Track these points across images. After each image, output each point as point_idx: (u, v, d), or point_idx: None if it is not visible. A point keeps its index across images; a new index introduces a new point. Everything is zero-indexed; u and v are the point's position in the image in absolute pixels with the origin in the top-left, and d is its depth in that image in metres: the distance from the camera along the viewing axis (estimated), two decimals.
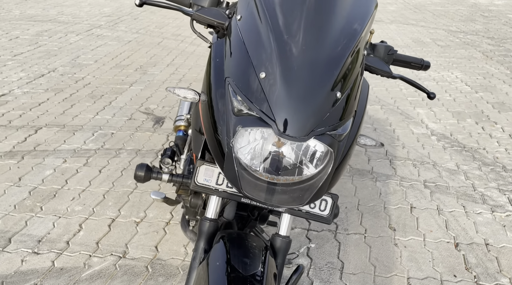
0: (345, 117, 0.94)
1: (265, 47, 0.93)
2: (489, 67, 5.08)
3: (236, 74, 0.96)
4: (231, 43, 1.04)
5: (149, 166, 1.39)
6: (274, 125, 0.88)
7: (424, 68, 1.30)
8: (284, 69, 0.90)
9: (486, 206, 2.46)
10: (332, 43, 0.94)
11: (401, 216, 2.36)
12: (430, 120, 3.59)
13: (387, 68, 1.19)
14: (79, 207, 2.40)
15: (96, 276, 1.92)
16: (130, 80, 4.51)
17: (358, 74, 1.01)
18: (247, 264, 1.03)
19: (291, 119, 0.87)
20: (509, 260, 2.05)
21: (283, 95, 0.88)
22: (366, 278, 1.93)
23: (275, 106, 0.88)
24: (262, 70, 0.91)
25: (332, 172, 0.94)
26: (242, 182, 0.94)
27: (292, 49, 0.92)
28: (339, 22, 0.97)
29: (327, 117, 0.90)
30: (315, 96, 0.89)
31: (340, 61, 0.93)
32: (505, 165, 2.90)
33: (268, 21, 0.96)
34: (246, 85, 0.93)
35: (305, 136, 0.88)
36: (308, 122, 0.88)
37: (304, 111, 0.88)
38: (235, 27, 1.05)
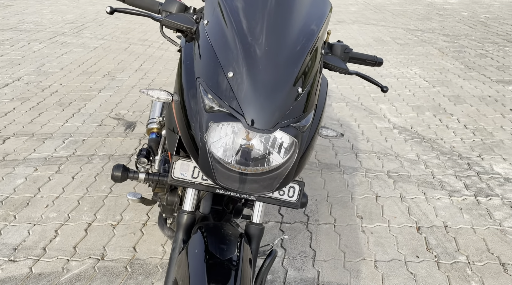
0: (307, 110, 1.04)
1: (231, 49, 1.03)
2: (445, 63, 5.35)
3: (206, 75, 1.04)
4: (199, 46, 1.13)
5: (125, 166, 1.46)
6: (243, 120, 0.97)
7: (378, 65, 1.43)
8: (250, 68, 0.99)
9: (444, 191, 2.63)
10: (292, 43, 1.04)
11: (367, 205, 2.50)
12: (392, 114, 3.78)
13: (344, 65, 1.30)
14: (53, 214, 2.41)
15: (76, 279, 1.96)
16: (98, 86, 4.50)
17: (317, 71, 1.12)
18: (224, 250, 1.11)
19: (258, 114, 0.97)
20: (465, 239, 2.21)
21: (250, 92, 0.97)
22: (337, 264, 2.05)
23: (243, 102, 0.97)
24: (229, 70, 1.00)
25: (297, 160, 1.04)
26: (216, 173, 1.02)
27: (256, 49, 1.01)
28: (297, 24, 1.07)
29: (290, 110, 1.00)
30: (278, 92, 0.99)
31: (300, 59, 1.03)
32: (461, 153, 3.10)
33: (233, 24, 1.05)
34: (216, 84, 1.02)
35: (271, 129, 0.97)
36: (274, 115, 0.97)
37: (270, 105, 0.97)
38: (203, 31, 1.14)
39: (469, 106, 3.95)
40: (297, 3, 1.11)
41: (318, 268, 2.02)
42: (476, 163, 2.96)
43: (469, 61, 5.40)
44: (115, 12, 1.21)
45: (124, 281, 1.95)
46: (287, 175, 1.04)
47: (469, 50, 5.90)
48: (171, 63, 5.33)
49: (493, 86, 4.48)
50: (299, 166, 1.06)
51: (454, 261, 2.07)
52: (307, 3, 1.15)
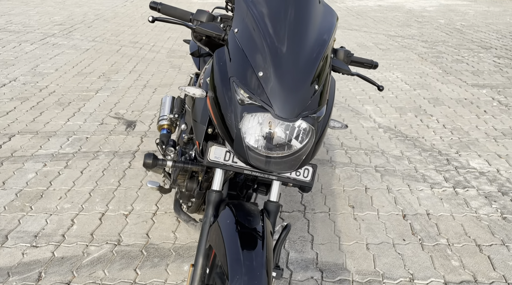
0: (321, 104, 1.27)
1: (261, 53, 1.24)
2: (424, 67, 5.69)
3: (239, 74, 1.26)
4: (230, 50, 1.34)
5: (155, 155, 1.65)
6: (271, 110, 1.18)
7: (374, 67, 1.67)
8: (276, 69, 1.21)
9: (426, 184, 2.90)
10: (309, 48, 1.26)
11: (358, 196, 2.74)
12: (377, 115, 4.05)
13: (347, 68, 1.54)
14: (68, 205, 2.58)
15: (96, 261, 2.13)
16: (95, 87, 4.64)
17: (328, 72, 1.34)
18: (251, 221, 1.32)
19: (284, 106, 1.19)
20: (446, 225, 2.48)
21: (277, 88, 1.19)
22: (333, 246, 2.28)
23: (272, 96, 1.19)
24: (260, 70, 1.22)
25: (313, 145, 1.26)
26: (248, 156, 1.24)
27: (281, 54, 1.23)
28: (313, 33, 1.30)
29: (309, 104, 1.22)
30: (300, 88, 1.21)
31: (316, 62, 1.25)
32: (441, 150, 3.39)
33: (261, 33, 1.27)
34: (248, 82, 1.23)
35: (295, 118, 1.19)
36: (296, 107, 1.20)
37: (293, 99, 1.19)
38: (233, 38, 1.35)
39: (447, 108, 4.26)
40: (311, 15, 1.34)
41: (316, 250, 2.25)
42: (454, 158, 3.25)
43: (446, 66, 5.75)
44: (156, 21, 1.40)
45: (141, 263, 2.13)
46: (305, 158, 1.26)
47: (446, 56, 6.26)
48: (164, 65, 5.51)
49: (468, 89, 4.82)
50: (314, 150, 1.28)
51: (436, 243, 2.32)
52: (319, 14, 1.38)
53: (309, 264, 2.15)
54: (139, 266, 2.11)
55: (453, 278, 2.07)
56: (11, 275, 2.04)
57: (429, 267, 2.14)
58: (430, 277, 2.08)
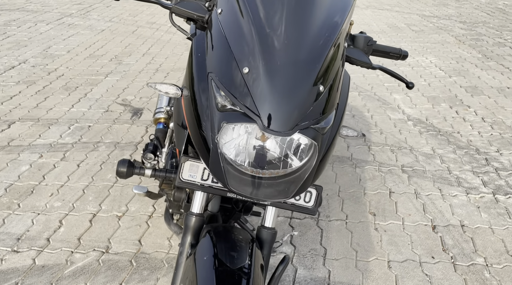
0: (328, 110, 0.95)
1: (247, 42, 0.93)
2: (461, 51, 5.19)
3: (219, 69, 0.95)
4: (212, 37, 1.03)
5: (131, 162, 1.38)
6: (258, 121, 0.88)
7: (402, 58, 1.32)
8: (267, 64, 0.90)
9: (461, 188, 2.53)
10: (314, 36, 0.94)
11: (380, 201, 2.41)
12: (406, 105, 3.66)
13: (367, 59, 1.20)
14: (58, 203, 2.36)
15: (79, 272, 1.91)
16: (105, 70, 4.41)
17: (340, 67, 1.02)
18: (234, 257, 1.04)
19: (276, 114, 0.88)
20: (483, 240, 2.13)
21: (267, 90, 0.88)
22: (349, 263, 1.98)
23: (259, 101, 0.88)
24: (245, 65, 0.91)
25: (316, 164, 0.95)
26: (228, 177, 0.94)
27: (274, 43, 0.92)
28: (320, 15, 0.97)
29: (310, 111, 0.90)
30: (298, 90, 0.89)
31: (322, 54, 0.93)
32: (478, 147, 2.99)
33: (250, 15, 0.96)
34: (229, 80, 0.93)
35: (290, 131, 0.88)
36: (292, 116, 0.88)
37: (288, 105, 0.88)
38: (216, 21, 1.04)
39: (487, 98, 3.82)
40: None
41: (329, 267, 1.95)
42: (495, 158, 2.85)
43: (487, 50, 5.23)
44: None
45: (129, 276, 1.89)
46: (306, 180, 0.96)
47: (487, 39, 5.71)
48: (179, 48, 5.22)
49: (511, 77, 4.33)
50: (318, 170, 0.98)
51: (471, 263, 1.98)
52: None
53: (319, 284, 1.85)
54: (126, 280, 1.87)
55: None
56: None
57: None
58: None
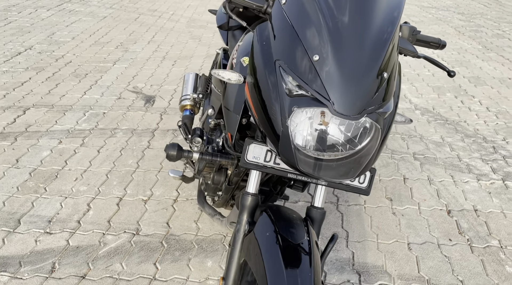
0: (389, 96, 1.02)
1: (317, 31, 0.99)
2: (462, 42, 5.28)
3: (287, 57, 1.01)
4: (276, 27, 1.09)
5: (180, 146, 1.44)
6: (330, 105, 0.94)
7: (441, 47, 1.40)
8: (337, 52, 0.96)
9: (472, 175, 2.64)
10: (378, 27, 1.00)
11: (396, 187, 2.51)
12: (413, 95, 3.75)
13: (413, 48, 1.27)
14: (84, 187, 2.41)
15: (113, 253, 1.97)
16: (112, 58, 4.42)
17: (397, 56, 1.09)
18: (294, 233, 1.11)
19: (345, 99, 0.94)
20: (496, 224, 2.23)
21: (337, 76, 0.95)
22: (370, 245, 2.07)
23: (330, 87, 0.95)
24: (315, 53, 0.97)
25: (378, 146, 1.02)
26: (297, 159, 1.01)
27: (343, 33, 0.98)
28: (382, 7, 1.03)
29: (376, 96, 0.97)
30: (366, 77, 0.96)
31: (386, 43, 1.00)
32: (485, 136, 3.10)
33: (317, 5, 1.01)
34: (299, 67, 0.99)
35: (358, 115, 0.95)
36: (360, 101, 0.95)
37: (356, 91, 0.95)
38: (280, 11, 1.10)
39: (489, 88, 3.93)
40: None
41: (352, 249, 2.04)
42: (502, 146, 2.96)
43: (486, 41, 5.33)
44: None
45: (161, 256, 1.96)
46: (368, 162, 1.03)
47: (485, 30, 5.82)
48: (183, 36, 5.23)
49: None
50: (378, 152, 1.05)
51: (487, 245, 2.09)
52: None
53: (344, 265, 1.95)
54: (159, 260, 1.94)
55: None
56: (23, 265, 1.89)
57: (480, 273, 1.92)
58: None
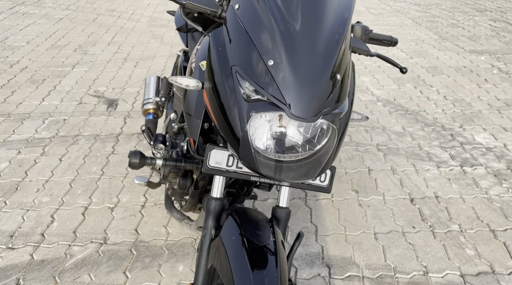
0: (343, 97, 1.04)
1: (270, 36, 1.00)
2: (419, 33, 5.44)
3: (243, 62, 1.02)
4: (230, 32, 1.09)
5: (142, 153, 1.42)
6: (286, 109, 0.96)
7: (393, 44, 1.44)
8: (291, 55, 0.97)
9: (432, 162, 2.73)
10: (329, 29, 1.02)
11: (361, 179, 2.57)
12: (375, 87, 3.84)
13: (366, 47, 1.30)
14: (46, 198, 2.34)
15: (81, 264, 1.93)
16: (71, 61, 4.30)
17: (350, 56, 1.11)
18: (259, 235, 1.12)
19: (301, 102, 0.96)
20: (456, 209, 2.33)
21: (292, 80, 0.96)
22: (339, 238, 2.12)
23: (286, 91, 0.96)
24: (269, 58, 0.98)
25: (335, 146, 1.05)
26: (258, 163, 1.02)
27: (295, 37, 0.99)
28: (332, 9, 1.05)
29: (330, 98, 0.99)
30: (319, 79, 0.98)
31: (338, 45, 1.02)
32: (444, 124, 3.21)
33: (269, 10, 1.02)
34: (255, 72, 0.99)
35: (314, 117, 0.97)
36: (316, 104, 0.97)
37: (312, 94, 0.97)
38: (233, 16, 1.10)
39: (446, 77, 4.07)
40: None
41: (321, 243, 2.08)
42: (459, 133, 3.08)
43: (442, 31, 5.51)
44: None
45: (131, 264, 1.93)
46: (326, 162, 1.05)
47: (441, 20, 6.01)
48: (144, 36, 5.15)
49: (467, 56, 4.61)
50: (335, 151, 1.07)
51: (448, 230, 2.18)
52: None
53: (314, 259, 1.98)
54: (129, 268, 1.91)
55: (469, 269, 1.93)
56: None
57: (443, 257, 2.00)
58: (445, 269, 1.93)
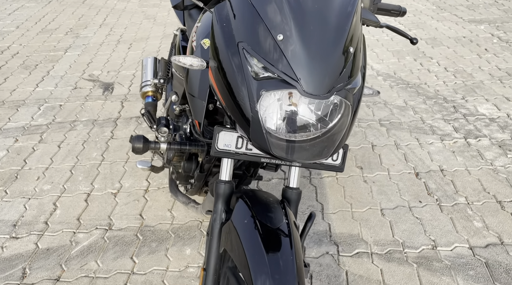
0: (356, 71, 1.00)
1: (279, 10, 0.94)
2: (416, 4, 5.33)
3: (250, 38, 0.96)
4: (234, 6, 1.03)
5: (145, 137, 1.38)
6: (298, 86, 0.91)
7: (402, 15, 1.38)
8: (301, 29, 0.92)
9: (435, 136, 2.71)
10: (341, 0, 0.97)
11: (365, 155, 2.54)
12: (374, 61, 3.77)
13: (375, 18, 1.25)
14: (47, 186, 2.30)
15: (87, 251, 1.91)
16: (63, 45, 4.20)
17: (361, 28, 1.06)
18: (272, 217, 1.09)
19: (313, 78, 0.91)
20: (462, 181, 2.31)
21: (303, 55, 0.91)
22: (345, 215, 2.10)
23: (297, 66, 0.91)
24: (279, 32, 0.93)
25: (349, 123, 1.01)
26: (270, 144, 0.98)
27: (305, 8, 0.94)
28: None
29: (343, 73, 0.95)
30: (332, 53, 0.93)
31: (350, 16, 0.97)
32: (445, 96, 3.17)
33: None
34: (263, 48, 0.94)
35: (328, 94, 0.92)
36: (329, 79, 0.92)
37: (324, 69, 0.92)
38: None
39: (446, 49, 4.00)
40: None
41: (328, 221, 2.07)
42: (461, 105, 3.04)
43: (439, 1, 5.41)
44: None
45: (138, 249, 1.92)
46: (340, 140, 1.01)
47: None
48: (137, 17, 5.03)
49: (466, 26, 4.53)
50: (349, 129, 1.03)
51: (454, 203, 2.16)
52: None
53: (322, 237, 1.97)
54: (136, 253, 1.90)
55: (477, 241, 1.93)
56: None
57: (451, 231, 1.99)
58: (454, 242, 1.93)
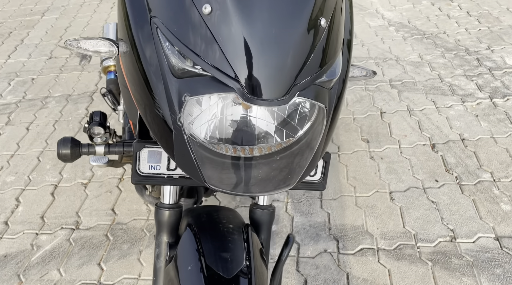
0: (333, 53, 0.65)
1: None
2: None
3: (166, 12, 0.63)
4: None
5: (74, 139, 1.06)
6: (238, 88, 0.58)
7: None
8: None
9: (455, 97, 2.33)
10: None
11: (372, 125, 2.19)
12: (385, 8, 3.31)
13: None
14: (11, 177, 2.05)
15: (49, 257, 1.67)
16: (40, 8, 3.82)
17: None
18: (227, 260, 0.80)
19: (262, 75, 0.58)
20: (487, 152, 1.96)
21: (243, 36, 0.57)
22: (348, 201, 1.80)
23: (235, 57, 0.58)
24: (205, 2, 0.59)
25: (326, 129, 0.68)
26: (203, 168, 0.66)
27: None
28: None
29: (311, 60, 0.61)
30: (289, 31, 0.59)
31: None
32: (468, 47, 2.74)
33: None
34: (184, 27, 0.61)
35: (285, 96, 0.59)
36: (286, 73, 0.59)
37: (278, 57, 0.58)
38: None
39: None
40: None
41: (327, 210, 1.77)
42: (486, 56, 2.62)
43: None
44: None
45: (107, 253, 1.67)
46: (314, 154, 0.69)
47: None
48: None
49: None
50: (327, 136, 0.70)
51: (478, 180, 1.83)
52: None
53: (320, 231, 1.68)
54: (104, 258, 1.65)
55: (506, 229, 1.61)
56: None
57: (473, 217, 1.68)
58: (477, 232, 1.62)
